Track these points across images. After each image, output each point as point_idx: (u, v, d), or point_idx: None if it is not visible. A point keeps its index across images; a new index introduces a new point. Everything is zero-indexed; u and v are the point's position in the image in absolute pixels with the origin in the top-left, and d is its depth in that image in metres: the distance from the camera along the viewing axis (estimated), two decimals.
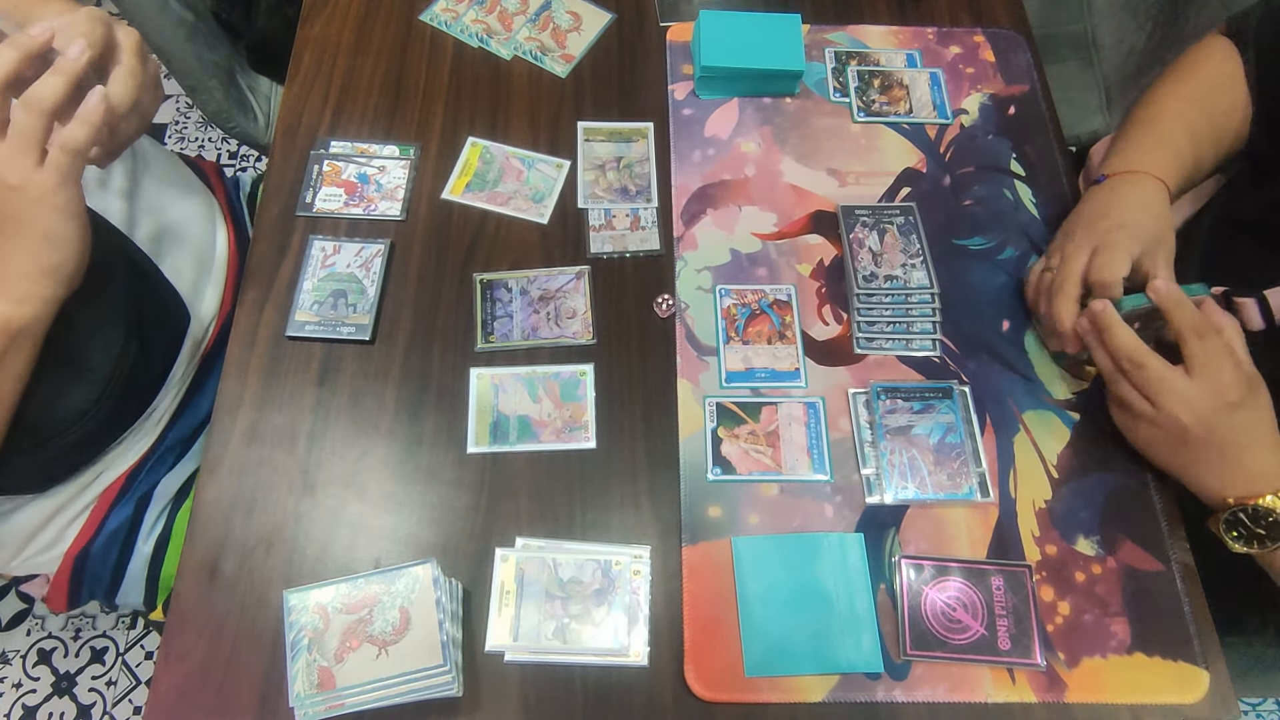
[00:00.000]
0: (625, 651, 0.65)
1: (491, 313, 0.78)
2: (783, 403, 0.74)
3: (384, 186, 0.84)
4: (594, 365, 0.76)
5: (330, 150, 0.86)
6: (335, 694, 0.58)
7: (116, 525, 0.79)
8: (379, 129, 0.88)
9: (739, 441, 0.72)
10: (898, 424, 0.74)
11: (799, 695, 0.64)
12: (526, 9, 0.96)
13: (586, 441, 0.72)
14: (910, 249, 0.80)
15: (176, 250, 0.80)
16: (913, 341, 0.78)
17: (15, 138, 0.54)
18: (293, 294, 0.78)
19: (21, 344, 0.59)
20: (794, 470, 0.71)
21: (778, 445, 0.72)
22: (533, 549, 0.68)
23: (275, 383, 0.75)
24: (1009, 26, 0.98)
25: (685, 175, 0.86)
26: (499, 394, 0.74)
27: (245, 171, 1.77)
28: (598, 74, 0.92)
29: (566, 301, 0.78)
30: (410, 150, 0.86)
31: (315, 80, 0.91)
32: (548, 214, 0.83)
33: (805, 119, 0.90)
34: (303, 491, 0.70)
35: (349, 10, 0.95)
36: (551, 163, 0.86)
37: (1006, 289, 0.81)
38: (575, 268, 0.80)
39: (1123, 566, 0.69)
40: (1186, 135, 0.78)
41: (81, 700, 1.36)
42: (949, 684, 0.64)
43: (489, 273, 0.80)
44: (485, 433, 0.73)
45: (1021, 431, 0.74)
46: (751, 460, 0.72)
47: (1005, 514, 0.71)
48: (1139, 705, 0.64)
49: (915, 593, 0.67)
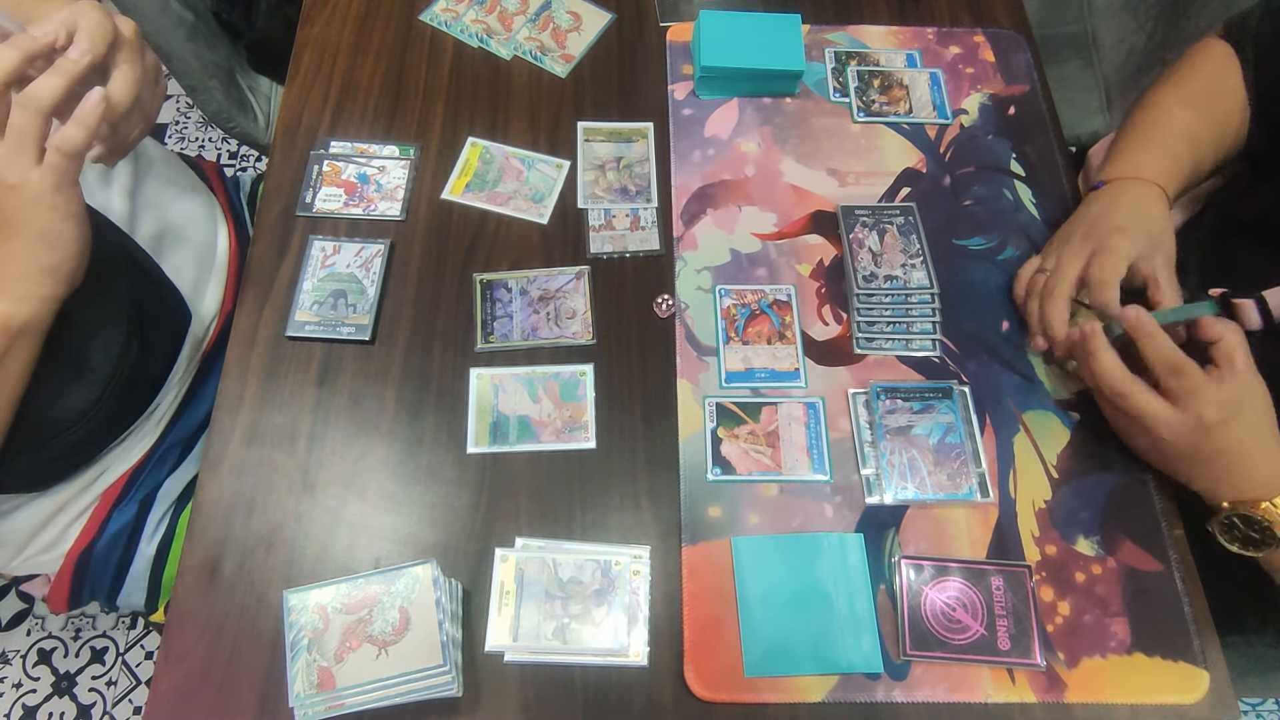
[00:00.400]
0: (625, 651, 0.65)
1: (491, 313, 0.78)
2: (782, 403, 0.74)
3: (384, 186, 0.84)
4: (594, 365, 0.76)
5: (330, 150, 0.86)
6: (335, 694, 0.58)
7: (119, 526, 0.79)
8: (379, 129, 0.88)
9: (739, 442, 0.72)
10: (897, 424, 0.74)
11: (799, 695, 0.64)
12: (526, 9, 0.96)
13: (586, 441, 0.72)
14: (910, 249, 0.80)
15: (178, 249, 0.80)
16: (912, 342, 0.78)
17: (12, 136, 0.54)
18: (293, 294, 0.78)
19: (22, 343, 0.59)
20: (794, 470, 0.71)
21: (777, 445, 0.72)
22: (532, 549, 0.68)
23: (275, 383, 0.75)
24: (1009, 26, 0.98)
25: (685, 175, 0.86)
26: (499, 394, 0.74)
27: (245, 171, 1.77)
28: (598, 74, 0.92)
29: (566, 301, 0.78)
30: (410, 150, 0.86)
31: (315, 80, 0.91)
32: (548, 214, 0.83)
33: (805, 119, 0.90)
34: (303, 491, 0.70)
35: (349, 10, 0.95)
36: (551, 163, 0.86)
37: (1006, 289, 0.81)
38: (575, 268, 0.80)
39: (1123, 567, 0.69)
40: (1186, 139, 0.78)
41: (81, 700, 1.36)
42: (949, 684, 0.64)
43: (489, 273, 0.80)
44: (485, 433, 0.73)
45: (1021, 432, 0.74)
46: (751, 460, 0.72)
47: (1005, 514, 0.71)
48: (1139, 705, 0.64)
49: (915, 593, 0.67)
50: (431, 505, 0.70)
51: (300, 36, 0.93)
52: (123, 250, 0.73)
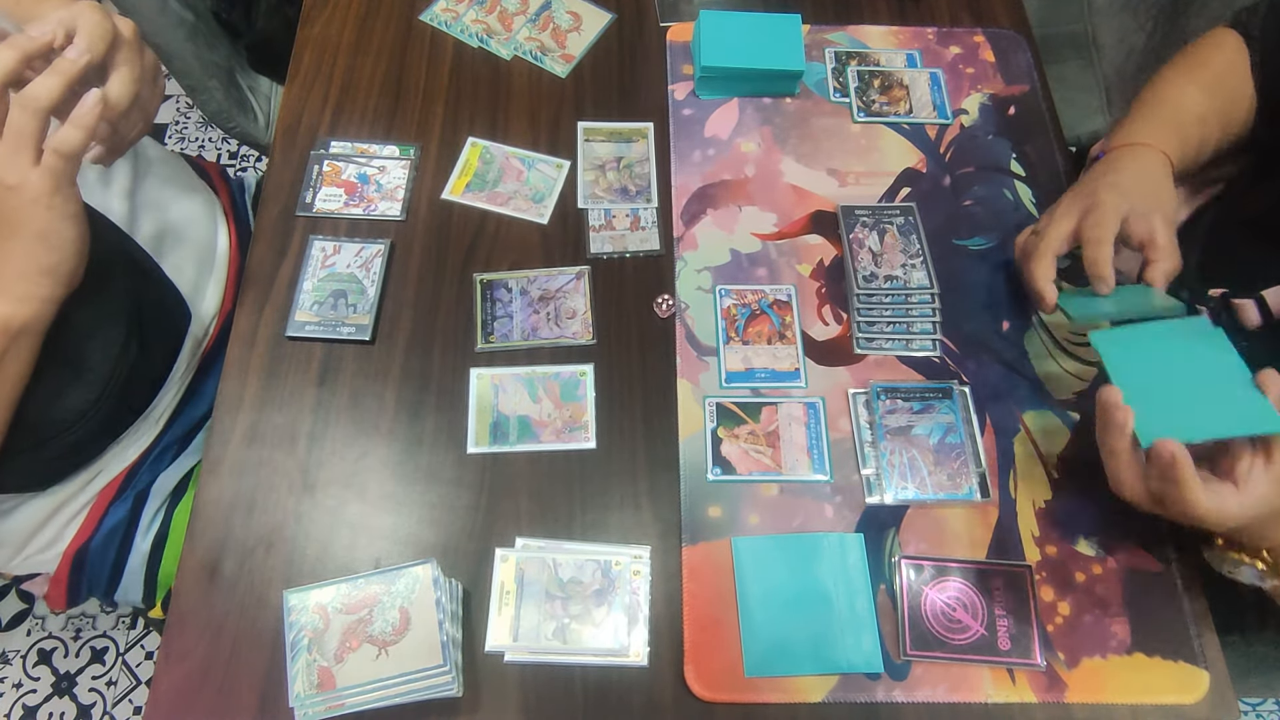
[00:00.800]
0: (625, 652, 0.65)
1: (491, 313, 0.78)
2: (783, 403, 0.74)
3: (384, 187, 0.84)
4: (594, 365, 0.76)
5: (330, 150, 0.86)
6: (335, 694, 0.58)
7: (114, 522, 0.79)
8: (379, 129, 0.88)
9: (739, 441, 0.72)
10: (898, 424, 0.74)
11: (799, 695, 0.64)
12: (526, 9, 0.96)
13: (586, 441, 0.72)
14: (910, 249, 0.80)
15: (178, 249, 0.80)
16: (913, 342, 0.78)
17: (10, 137, 0.54)
18: (293, 294, 0.78)
19: (21, 343, 0.59)
20: (794, 470, 0.71)
21: (778, 445, 0.72)
22: (533, 549, 0.68)
23: (275, 383, 0.75)
24: (1009, 26, 0.98)
25: (685, 175, 0.86)
26: (499, 394, 0.74)
27: (246, 172, 1.77)
28: (598, 74, 0.92)
29: (566, 302, 0.78)
30: (410, 150, 0.86)
31: (315, 80, 0.91)
32: (548, 214, 0.83)
33: (805, 119, 0.90)
34: (303, 492, 0.70)
35: (349, 10, 0.95)
36: (551, 163, 0.86)
37: (1007, 289, 0.81)
38: (575, 268, 0.80)
39: (1123, 567, 0.69)
40: (1193, 115, 0.78)
41: (81, 700, 1.36)
42: (949, 684, 0.64)
43: (489, 273, 0.80)
44: (485, 433, 0.73)
45: (1021, 432, 0.74)
46: (751, 460, 0.72)
47: (1005, 514, 0.71)
48: (1139, 705, 0.64)
49: (915, 593, 0.67)
50: (431, 505, 0.70)
51: (300, 36, 0.93)
52: (122, 251, 0.73)
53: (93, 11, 0.58)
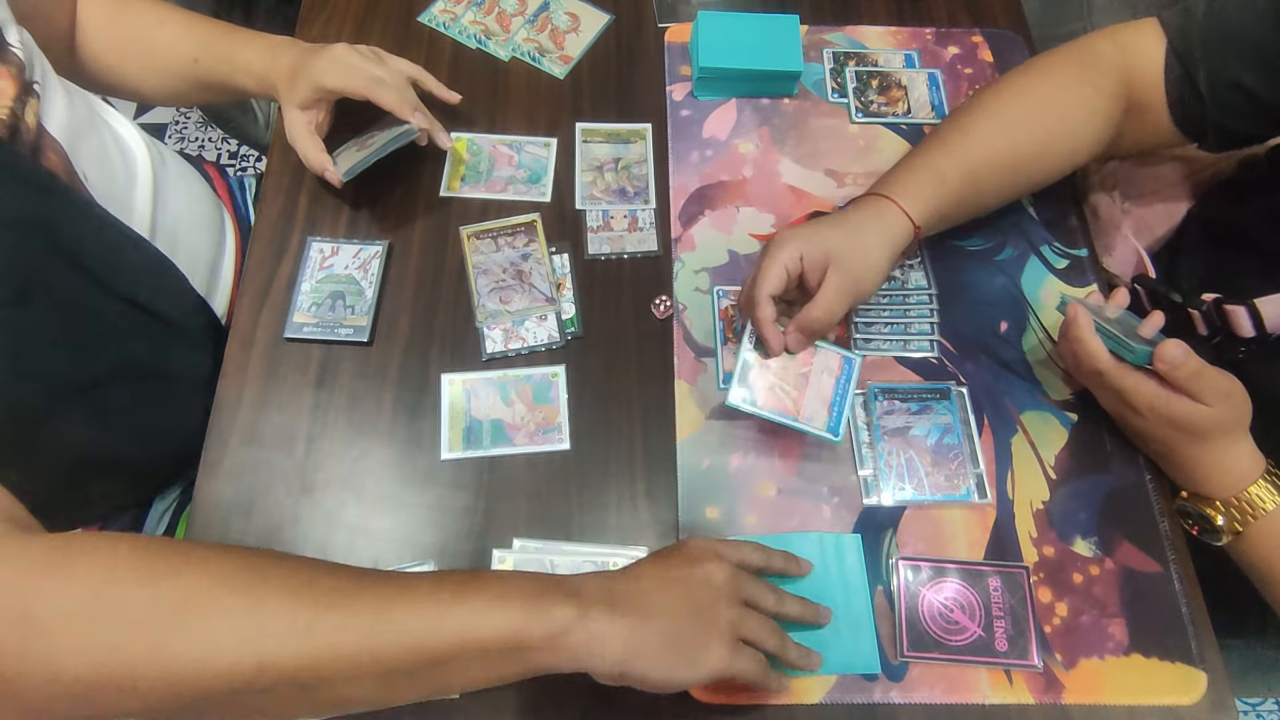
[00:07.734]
0: None
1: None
2: (822, 350, 0.72)
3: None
4: (565, 367, 0.75)
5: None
6: None
7: (119, 527, 0.79)
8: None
9: (770, 372, 0.70)
10: (895, 425, 0.74)
11: (796, 696, 0.64)
12: (524, 10, 0.96)
13: (560, 444, 0.72)
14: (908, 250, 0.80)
15: (186, 250, 0.80)
16: (910, 342, 0.78)
17: None
18: (291, 295, 0.78)
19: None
20: (810, 421, 0.69)
21: (804, 390, 0.70)
22: (530, 550, 0.68)
23: (273, 384, 0.75)
24: (1007, 27, 0.98)
25: (683, 176, 0.86)
26: (471, 399, 0.74)
27: (246, 172, 1.77)
28: (596, 75, 0.92)
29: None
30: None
31: None
32: (548, 192, 0.84)
33: (803, 120, 0.90)
34: (301, 493, 0.70)
35: (348, 11, 0.96)
36: (539, 142, 0.87)
37: (1004, 290, 0.81)
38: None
39: (1120, 567, 0.69)
40: (957, 157, 0.72)
41: None
42: (946, 685, 0.64)
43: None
44: (459, 438, 0.72)
45: (1019, 432, 0.74)
46: (775, 398, 0.69)
47: (1003, 515, 0.71)
48: (1136, 706, 0.64)
49: (913, 594, 0.67)
50: (429, 507, 0.70)
51: (300, 37, 0.93)
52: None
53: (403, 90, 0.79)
